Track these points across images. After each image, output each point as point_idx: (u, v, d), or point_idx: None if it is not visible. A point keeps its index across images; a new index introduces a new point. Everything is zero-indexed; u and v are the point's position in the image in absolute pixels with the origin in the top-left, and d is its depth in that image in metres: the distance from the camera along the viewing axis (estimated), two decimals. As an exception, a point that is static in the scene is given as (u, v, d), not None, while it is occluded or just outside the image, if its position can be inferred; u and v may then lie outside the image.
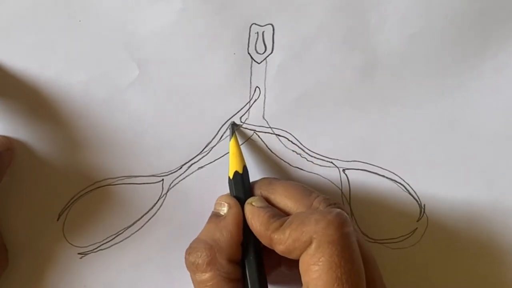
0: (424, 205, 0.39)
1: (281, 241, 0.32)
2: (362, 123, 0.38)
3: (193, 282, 0.34)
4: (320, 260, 0.30)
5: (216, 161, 0.39)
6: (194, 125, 0.38)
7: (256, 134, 0.39)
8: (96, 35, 0.36)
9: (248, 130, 0.39)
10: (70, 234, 0.39)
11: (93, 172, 0.38)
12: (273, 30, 0.36)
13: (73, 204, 0.39)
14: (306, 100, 0.38)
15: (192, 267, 0.34)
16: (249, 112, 0.38)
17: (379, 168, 0.39)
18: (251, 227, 0.34)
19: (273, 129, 0.39)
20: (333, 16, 0.36)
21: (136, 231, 0.39)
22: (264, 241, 0.33)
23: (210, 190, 0.39)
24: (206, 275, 0.33)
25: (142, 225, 0.39)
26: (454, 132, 0.38)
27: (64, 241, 0.39)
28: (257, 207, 0.34)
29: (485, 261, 0.40)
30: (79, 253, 0.39)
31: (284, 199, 0.35)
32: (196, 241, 0.35)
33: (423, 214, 0.40)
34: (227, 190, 0.38)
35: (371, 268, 0.33)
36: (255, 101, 0.38)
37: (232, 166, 0.37)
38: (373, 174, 0.39)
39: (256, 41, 0.36)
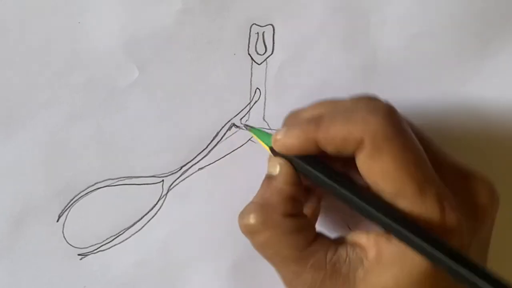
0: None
1: (330, 140, 0.30)
2: (362, 124, 0.38)
3: (254, 247, 0.33)
4: (382, 158, 0.29)
5: (216, 162, 0.39)
6: (194, 126, 0.38)
7: (257, 135, 0.39)
8: (96, 36, 0.36)
9: (249, 132, 0.39)
10: (70, 235, 0.39)
11: (93, 173, 0.38)
12: (274, 30, 0.36)
13: (73, 205, 0.39)
14: (307, 101, 0.37)
15: (247, 230, 0.32)
16: (249, 114, 0.38)
17: (379, 169, 0.39)
18: (287, 149, 0.32)
19: (273, 130, 0.39)
20: (334, 17, 0.36)
21: (136, 232, 0.39)
22: (308, 149, 0.31)
23: (210, 191, 0.39)
24: (263, 235, 0.31)
25: (142, 226, 0.39)
26: (454, 133, 0.38)
27: (63, 242, 0.39)
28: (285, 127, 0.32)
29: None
30: (79, 254, 0.39)
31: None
32: (248, 205, 0.33)
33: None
34: (226, 192, 0.38)
35: (433, 148, 0.32)
36: (255, 102, 0.38)
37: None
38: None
39: (257, 42, 0.36)
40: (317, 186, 0.32)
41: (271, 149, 0.34)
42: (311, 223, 0.33)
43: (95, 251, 0.39)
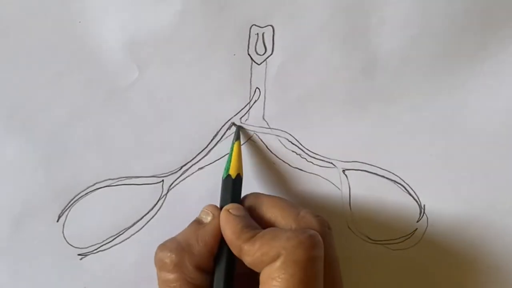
0: (424, 205, 0.39)
1: (250, 252, 0.32)
2: (362, 124, 0.38)
3: (158, 278, 0.34)
4: (281, 276, 0.30)
5: (216, 162, 0.39)
6: (194, 126, 0.38)
7: (256, 134, 0.39)
8: (96, 36, 0.36)
9: (248, 131, 0.39)
10: (70, 235, 0.39)
11: (93, 173, 0.38)
12: (273, 31, 0.36)
13: (73, 205, 0.39)
14: (306, 101, 0.38)
15: (159, 264, 0.34)
16: (249, 113, 0.38)
17: (379, 169, 0.39)
18: (223, 234, 0.34)
19: (273, 129, 0.39)
20: (333, 17, 0.36)
21: (136, 232, 0.39)
22: (234, 250, 0.33)
23: (210, 191, 0.39)
24: (171, 276, 0.33)
25: (142, 226, 0.39)
26: (454, 132, 0.38)
27: (64, 242, 0.39)
28: (233, 214, 0.34)
29: (485, 262, 0.40)
30: (79, 254, 0.39)
31: (271, 209, 0.35)
32: (171, 240, 0.34)
33: (423, 215, 0.40)
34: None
35: None
36: (255, 102, 0.38)
37: (228, 167, 0.37)
38: (373, 175, 0.39)
39: (256, 42, 0.36)
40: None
41: (223, 183, 0.36)
42: None
43: (95, 251, 0.39)
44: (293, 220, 0.34)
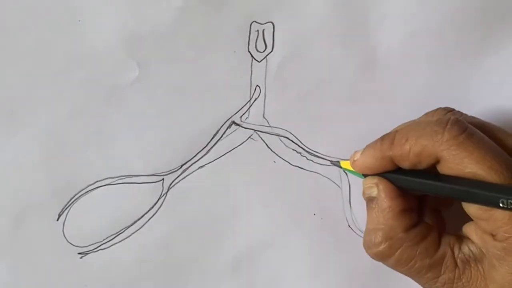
0: (425, 204, 0.39)
1: (404, 157, 0.31)
2: (362, 121, 0.38)
3: (388, 267, 0.33)
4: (464, 160, 0.30)
5: (216, 160, 0.39)
6: (194, 124, 0.38)
7: (256, 133, 0.39)
8: (96, 35, 0.36)
9: (248, 129, 0.39)
10: (70, 234, 0.39)
11: (93, 171, 0.38)
12: (274, 28, 0.36)
13: (73, 203, 0.39)
14: (306, 99, 0.38)
15: (377, 257, 0.33)
16: (249, 111, 0.38)
17: (379, 167, 0.39)
18: (367, 168, 0.34)
19: (273, 128, 0.39)
20: (334, 14, 0.36)
21: (136, 231, 0.39)
22: (386, 166, 0.33)
23: (210, 190, 0.39)
24: (394, 256, 0.33)
25: (142, 224, 0.39)
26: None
27: (64, 241, 0.39)
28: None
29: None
30: (79, 253, 0.39)
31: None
32: (368, 233, 0.34)
33: (423, 213, 0.39)
34: (226, 190, 0.38)
35: (500, 134, 0.33)
36: (255, 100, 0.38)
37: None
38: (374, 173, 0.39)
39: (257, 39, 0.36)
40: (417, 191, 0.33)
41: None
42: (432, 227, 0.33)
43: (96, 250, 0.39)
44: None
